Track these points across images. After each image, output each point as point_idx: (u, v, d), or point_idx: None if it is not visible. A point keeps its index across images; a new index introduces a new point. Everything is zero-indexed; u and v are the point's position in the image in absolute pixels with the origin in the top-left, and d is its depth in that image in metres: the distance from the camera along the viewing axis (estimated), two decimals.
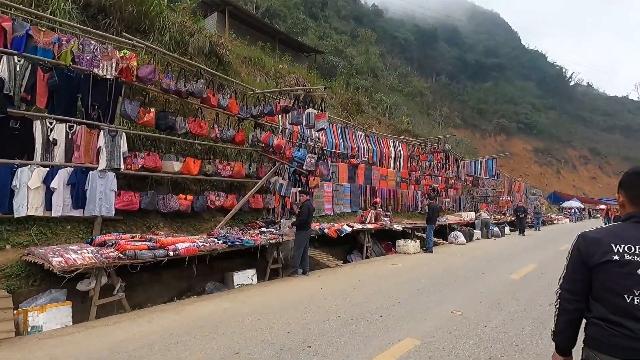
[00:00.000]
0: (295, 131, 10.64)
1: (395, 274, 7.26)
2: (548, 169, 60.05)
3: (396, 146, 15.96)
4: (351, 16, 57.85)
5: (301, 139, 10.92)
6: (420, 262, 8.72)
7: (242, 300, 5.23)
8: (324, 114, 7.75)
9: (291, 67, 19.15)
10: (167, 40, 11.07)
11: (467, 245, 12.42)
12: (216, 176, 8.32)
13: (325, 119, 7.66)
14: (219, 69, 13.04)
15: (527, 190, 29.78)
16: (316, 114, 7.74)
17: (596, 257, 1.53)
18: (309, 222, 6.94)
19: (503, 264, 8.83)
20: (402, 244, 10.07)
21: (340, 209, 12.09)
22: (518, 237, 15.87)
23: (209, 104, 8.30)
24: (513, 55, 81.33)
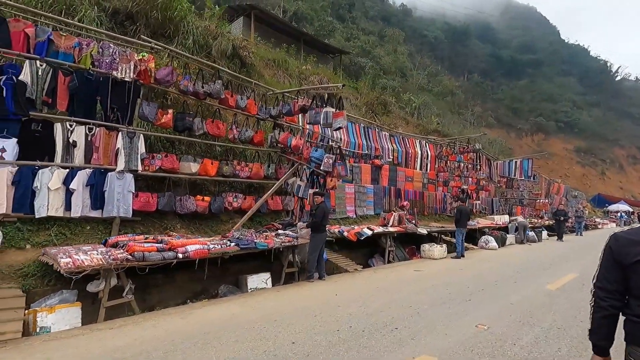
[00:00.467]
0: (315, 131, 10.43)
1: (417, 281, 6.81)
2: (591, 169, 56.26)
3: (423, 146, 15.34)
4: (379, 16, 57.15)
5: (321, 139, 10.68)
6: (446, 269, 8.19)
7: (251, 306, 5.03)
8: (341, 112, 7.45)
9: (315, 68, 18.97)
10: (191, 43, 11.19)
11: (499, 250, 11.64)
12: (234, 177, 8.22)
13: (343, 118, 7.35)
14: (242, 71, 13.07)
15: (568, 192, 27.87)
16: (334, 112, 7.45)
17: (630, 256, 1.57)
18: (324, 225, 6.65)
19: (539, 272, 8.12)
20: (427, 248, 9.54)
21: (363, 211, 11.71)
22: (556, 242, 14.74)
23: (227, 105, 8.22)
24: (551, 50, 77.00)
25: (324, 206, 6.77)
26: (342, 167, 7.48)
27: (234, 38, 13.09)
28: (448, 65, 59.82)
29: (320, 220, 6.52)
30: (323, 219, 6.58)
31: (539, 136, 57.85)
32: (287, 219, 8.27)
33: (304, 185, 8.12)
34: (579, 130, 59.76)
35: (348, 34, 40.44)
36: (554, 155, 54.46)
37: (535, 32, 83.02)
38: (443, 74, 51.33)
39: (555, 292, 6.21)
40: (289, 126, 9.70)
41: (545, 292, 6.18)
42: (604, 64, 77.83)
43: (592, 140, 59.02)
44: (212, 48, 12.22)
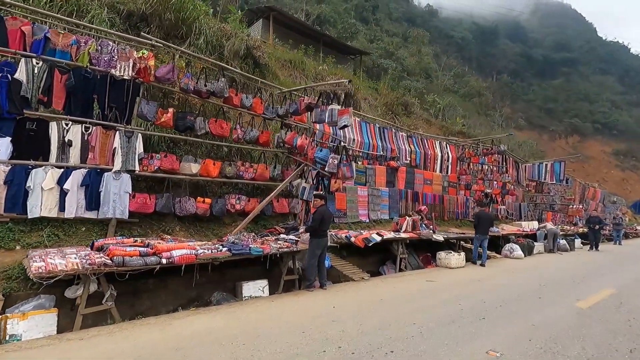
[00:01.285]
0: (326, 132, 9.96)
1: (427, 294, 6.17)
2: (632, 173, 52.57)
3: (443, 148, 14.50)
4: (404, 18, 56.15)
5: (332, 140, 10.18)
6: (462, 280, 7.45)
7: (238, 317, 4.60)
8: (347, 109, 6.94)
9: (334, 68, 18.51)
10: (202, 44, 11.05)
11: (524, 260, 10.66)
12: (238, 179, 7.88)
13: (348, 115, 6.83)
14: (256, 72, 12.82)
15: (605, 197, 25.83)
16: (339, 110, 6.94)
17: None
18: (323, 230, 6.13)
19: (569, 286, 7.23)
20: (444, 256, 8.80)
21: (377, 215, 11.09)
22: (591, 252, 13.44)
23: (232, 104, 7.91)
24: (588, 48, 72.91)
25: (324, 209, 6.26)
26: (347, 168, 6.96)
27: (247, 38, 12.85)
28: (476, 66, 57.97)
29: (318, 224, 6.03)
30: (322, 223, 6.07)
31: (574, 138, 54.82)
32: (291, 223, 7.83)
33: (309, 187, 7.65)
34: (618, 131, 56.17)
35: (371, 35, 39.87)
36: (591, 159, 51.47)
37: (570, 30, 78.94)
38: (470, 75, 49.65)
39: (586, 311, 5.40)
40: (297, 126, 9.28)
41: (574, 311, 5.38)
42: None
43: (632, 142, 55.27)
44: (225, 48, 12.05)
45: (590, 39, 77.42)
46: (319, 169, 7.42)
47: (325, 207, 6.38)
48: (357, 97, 17.61)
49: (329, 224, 6.32)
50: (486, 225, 9.80)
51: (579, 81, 63.96)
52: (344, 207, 10.17)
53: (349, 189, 10.41)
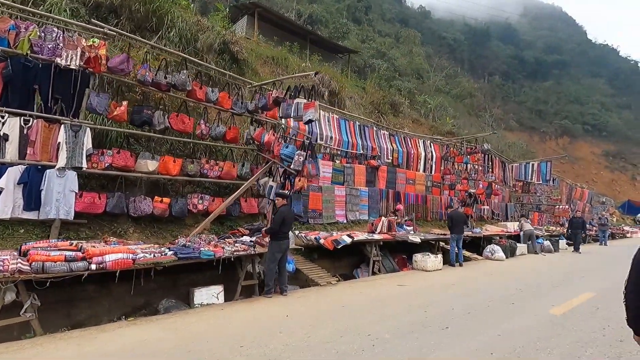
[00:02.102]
0: (301, 129, 9.53)
1: (394, 300, 5.76)
2: (621, 174, 52.81)
3: (427, 147, 14.13)
4: (396, 19, 55.94)
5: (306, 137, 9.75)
6: (435, 284, 7.06)
7: (176, 329, 4.15)
8: (312, 103, 6.50)
9: (318, 66, 18.08)
10: (173, 36, 10.59)
11: (506, 262, 10.31)
12: (202, 177, 7.42)
13: (314, 109, 6.40)
14: (233, 67, 12.37)
15: (593, 197, 25.69)
16: (304, 104, 6.52)
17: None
18: (284, 232, 5.69)
19: (546, 290, 6.86)
20: (420, 258, 8.40)
21: (356, 215, 10.67)
22: (574, 254, 13.12)
23: (195, 98, 7.44)
24: (578, 51, 73.36)
25: (286, 210, 5.83)
26: (312, 166, 6.53)
27: (225, 33, 12.39)
28: (468, 68, 57.93)
29: (279, 226, 5.59)
30: (282, 225, 5.63)
31: (565, 139, 54.92)
32: (256, 224, 7.37)
33: (276, 185, 7.20)
34: (607, 133, 56.44)
35: (363, 36, 39.53)
36: (581, 160, 51.64)
37: (561, 32, 79.34)
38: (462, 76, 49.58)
39: (559, 318, 5.01)
40: (268, 122, 8.83)
41: (547, 318, 4.99)
42: (635, 65, 73.46)
43: (622, 143, 55.58)
44: (199, 42, 11.59)
45: (581, 42, 77.95)
46: (286, 166, 6.98)
47: (288, 207, 5.94)
48: (342, 95, 17.22)
49: (290, 225, 5.88)
50: (460, 224, 9.48)
51: (569, 83, 64.26)
52: (319, 207, 9.74)
53: (325, 188, 9.98)
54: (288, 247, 5.81)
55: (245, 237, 6.64)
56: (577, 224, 13.17)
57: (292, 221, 5.89)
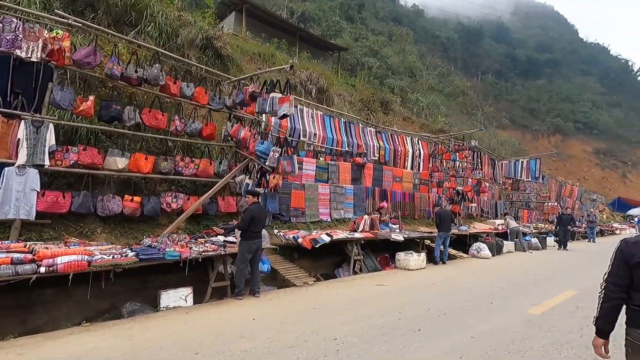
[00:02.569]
0: (283, 125, 9.30)
1: (370, 300, 5.55)
2: (612, 172, 53.19)
3: (415, 144, 13.95)
4: (390, 17, 55.82)
5: (291, 133, 9.54)
6: (416, 283, 6.87)
7: (131, 336, 3.90)
8: (287, 97, 6.26)
9: (307, 63, 17.84)
10: (151, 30, 10.30)
11: (492, 260, 10.16)
12: (176, 175, 7.16)
13: (288, 104, 6.16)
14: (217, 63, 12.11)
15: (582, 195, 25.71)
16: (279, 98, 6.28)
17: (635, 257, 1.97)
18: (254, 231, 5.45)
19: (528, 288, 6.69)
20: (403, 257, 8.21)
21: (340, 214, 10.45)
22: (561, 251, 13.01)
23: (169, 93, 7.17)
24: (570, 49, 73.72)
25: (256, 208, 5.58)
26: (287, 162, 6.29)
27: (207, 28, 12.09)
28: (461, 66, 58.02)
29: (247, 224, 5.35)
30: (253, 223, 5.40)
31: (557, 138, 55.14)
32: (231, 223, 7.12)
33: (252, 183, 6.97)
34: (598, 131, 56.79)
35: (356, 34, 39.33)
36: (573, 158, 51.95)
37: (553, 31, 79.66)
38: (455, 75, 49.58)
39: (538, 318, 4.84)
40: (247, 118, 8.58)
41: (525, 318, 4.81)
42: (625, 63, 73.92)
43: (612, 141, 55.97)
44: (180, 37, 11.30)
45: (572, 41, 78.31)
46: (262, 163, 6.74)
47: (258, 205, 5.71)
48: (330, 92, 17.01)
49: (262, 223, 5.63)
50: (448, 222, 9.32)
51: (561, 82, 64.54)
52: (302, 205, 9.51)
53: (308, 186, 9.76)
54: (260, 247, 5.56)
55: (219, 237, 6.39)
56: (566, 221, 13.04)
57: (264, 220, 5.65)
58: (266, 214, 5.68)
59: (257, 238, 5.49)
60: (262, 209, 5.67)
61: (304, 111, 10.23)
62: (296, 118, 9.87)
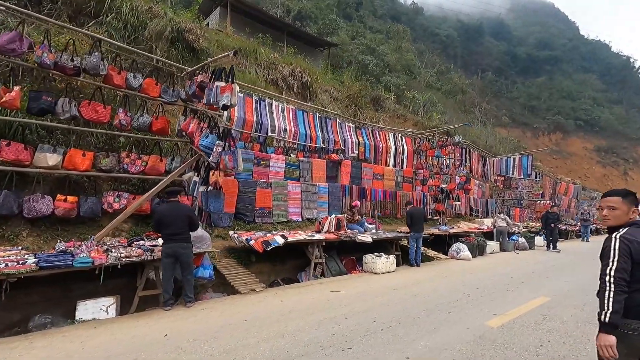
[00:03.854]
0: (248, 120, 8.72)
1: (313, 310, 4.94)
2: (613, 169, 52.22)
3: (397, 140, 13.29)
4: (388, 15, 55.09)
5: (256, 129, 8.96)
6: (376, 289, 6.24)
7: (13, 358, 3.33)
8: (229, 86, 5.64)
9: (291, 58, 17.22)
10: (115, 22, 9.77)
11: (471, 261, 9.48)
12: (120, 173, 6.59)
13: (230, 93, 5.55)
14: (189, 57, 11.55)
15: (579, 192, 24.87)
16: (221, 87, 5.67)
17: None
18: (168, 234, 4.82)
19: (497, 294, 6.05)
20: (370, 260, 7.58)
21: (313, 213, 9.84)
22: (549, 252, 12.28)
23: (112, 84, 6.58)
24: (570, 46, 72.50)
25: (165, 208, 4.95)
26: (229, 157, 5.68)
27: (179, 20, 11.52)
28: (461, 64, 57.23)
29: (157, 227, 4.77)
30: (162, 226, 4.81)
31: (557, 135, 54.22)
32: None
33: (200, 181, 6.38)
34: (599, 128, 55.80)
35: (354, 32, 38.73)
36: (573, 155, 51.11)
37: (553, 28, 78.45)
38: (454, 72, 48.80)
39: (494, 332, 4.20)
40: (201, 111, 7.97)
41: (479, 332, 4.18)
42: (626, 60, 72.58)
43: (613, 138, 54.96)
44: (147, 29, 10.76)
45: (573, 38, 77.10)
46: (207, 158, 6.15)
47: (173, 204, 5.06)
48: (315, 87, 16.40)
49: (181, 224, 4.91)
50: (420, 221, 8.68)
51: (561, 79, 63.55)
52: (268, 204, 8.92)
53: (275, 184, 9.17)
54: (183, 251, 4.88)
55: (160, 240, 5.81)
56: (553, 219, 12.33)
57: (181, 221, 4.92)
58: (185, 215, 4.94)
59: (173, 242, 4.84)
60: (176, 210, 4.97)
61: (273, 105, 9.62)
62: (263, 112, 9.27)
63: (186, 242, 4.94)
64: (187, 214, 5.00)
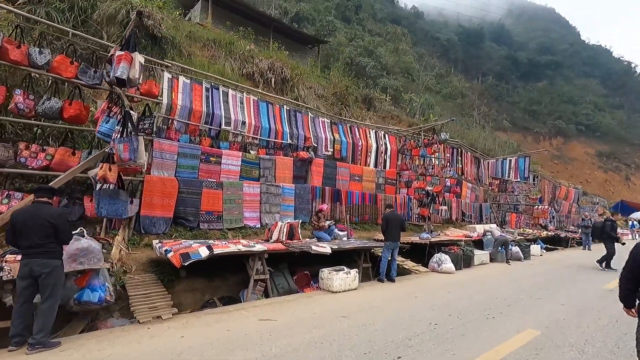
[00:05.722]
0: (195, 110, 7.43)
1: (213, 351, 3.57)
2: (615, 175, 50.77)
3: (380, 138, 11.91)
4: (388, 19, 54.02)
5: (207, 121, 7.67)
6: (320, 315, 4.85)
7: None
8: (125, 54, 4.35)
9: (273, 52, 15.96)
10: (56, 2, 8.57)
11: (454, 275, 8.04)
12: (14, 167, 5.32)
13: (126, 64, 4.26)
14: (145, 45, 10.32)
15: (580, 197, 23.26)
16: (117, 57, 4.36)
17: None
18: (26, 246, 3.51)
19: (470, 326, 4.62)
20: (326, 275, 6.19)
21: (275, 218, 8.46)
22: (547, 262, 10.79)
23: (8, 60, 5.32)
24: (571, 51, 71.11)
25: (25, 211, 3.62)
26: (124, 146, 4.35)
27: (136, 2, 10.30)
28: (462, 68, 56.11)
29: (11, 237, 3.45)
30: (18, 236, 3.49)
31: (558, 140, 52.82)
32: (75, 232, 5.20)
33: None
34: (601, 133, 54.43)
35: (352, 34, 37.66)
36: (575, 160, 49.85)
37: (555, 33, 77.08)
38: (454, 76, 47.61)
39: None
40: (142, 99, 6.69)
41: None
42: (628, 65, 70.93)
43: (615, 143, 53.56)
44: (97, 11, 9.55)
45: (574, 42, 75.76)
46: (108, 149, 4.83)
47: (39, 206, 3.74)
48: (296, 82, 15.13)
49: (41, 234, 3.58)
50: (397, 229, 7.28)
51: (562, 84, 62.36)
52: (218, 208, 7.58)
53: (228, 184, 7.82)
54: (42, 271, 3.50)
55: None
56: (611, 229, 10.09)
57: (42, 230, 3.51)
58: (45, 221, 3.57)
59: (29, 257, 3.52)
60: (37, 214, 3.62)
61: (229, 94, 8.32)
62: (216, 102, 7.96)
63: (47, 258, 3.58)
64: (48, 220, 3.63)
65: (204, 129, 7.78)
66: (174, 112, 7.18)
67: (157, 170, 6.81)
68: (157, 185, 6.63)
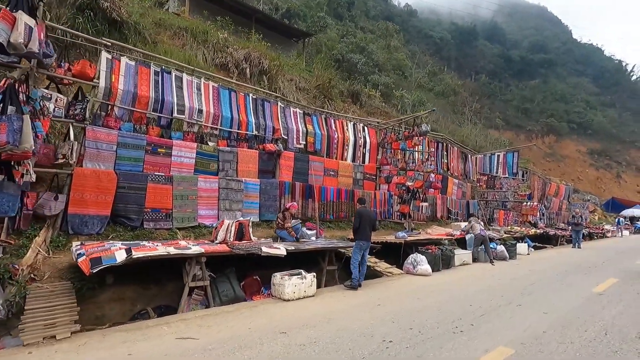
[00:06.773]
0: (142, 95, 6.56)
1: None
2: (606, 172, 50.67)
3: (358, 131, 11.08)
4: (381, 16, 53.20)
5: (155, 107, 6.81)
6: (257, 332, 4.02)
7: None
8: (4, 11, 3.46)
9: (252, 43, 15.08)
10: None
11: (430, 278, 7.25)
12: None
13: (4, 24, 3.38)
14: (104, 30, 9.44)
15: (570, 194, 22.60)
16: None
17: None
18: None
19: (432, 344, 3.82)
20: (278, 281, 5.36)
21: (236, 216, 7.61)
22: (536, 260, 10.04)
23: None
24: (564, 50, 70.87)
25: None
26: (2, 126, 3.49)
27: None
28: (455, 66, 55.50)
29: None
30: None
31: (551, 138, 52.50)
32: None
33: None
34: (592, 131, 54.27)
35: (344, 31, 36.83)
36: (567, 158, 49.72)
37: (547, 32, 76.68)
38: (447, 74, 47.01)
39: None
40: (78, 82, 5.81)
41: None
42: (619, 64, 70.72)
43: (607, 141, 53.45)
44: None
45: (567, 41, 75.56)
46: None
47: None
48: (274, 74, 14.27)
49: None
50: (369, 227, 6.46)
51: (555, 82, 62.15)
52: (167, 205, 6.73)
53: (179, 179, 6.97)
54: None
55: None
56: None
57: None
58: None
59: None
60: None
61: (183, 79, 7.45)
62: (167, 87, 7.10)
63: None
64: None
65: (152, 117, 6.90)
66: (114, 97, 6.30)
67: (91, 162, 5.95)
68: (90, 179, 5.77)
